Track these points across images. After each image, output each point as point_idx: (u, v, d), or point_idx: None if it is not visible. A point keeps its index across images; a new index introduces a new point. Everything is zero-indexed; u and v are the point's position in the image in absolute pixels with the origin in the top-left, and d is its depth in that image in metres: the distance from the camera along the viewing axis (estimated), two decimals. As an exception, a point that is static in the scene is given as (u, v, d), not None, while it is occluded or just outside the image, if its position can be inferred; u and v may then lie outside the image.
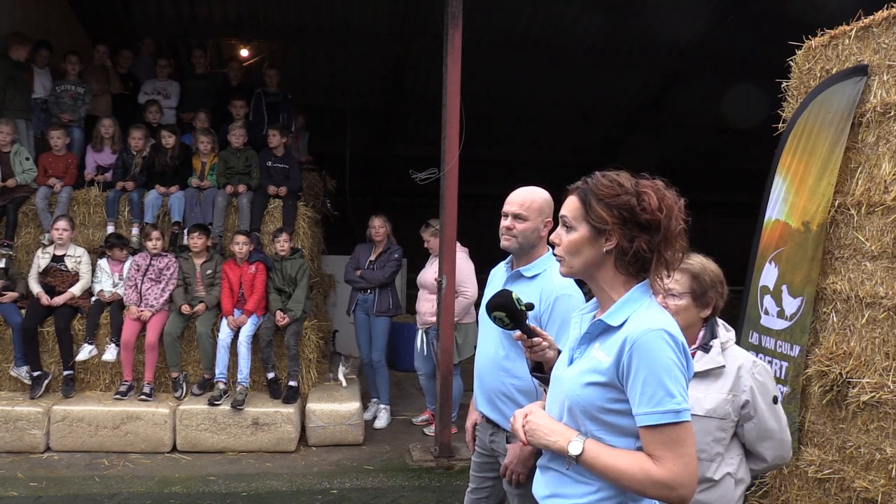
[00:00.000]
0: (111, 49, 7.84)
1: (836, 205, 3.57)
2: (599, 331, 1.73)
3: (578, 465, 1.68)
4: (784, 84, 4.16)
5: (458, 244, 5.77)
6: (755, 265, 4.03)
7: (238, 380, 5.89)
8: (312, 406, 5.90)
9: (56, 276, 6.06)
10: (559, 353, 1.95)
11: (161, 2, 8.85)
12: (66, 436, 5.55)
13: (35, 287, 6.00)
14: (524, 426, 1.80)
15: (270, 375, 6.02)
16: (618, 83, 11.08)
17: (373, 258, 6.50)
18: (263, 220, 6.79)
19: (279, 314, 6.05)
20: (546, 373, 2.00)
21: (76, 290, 6.01)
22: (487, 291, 2.91)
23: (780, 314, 3.81)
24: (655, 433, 1.58)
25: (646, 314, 1.65)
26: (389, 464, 5.57)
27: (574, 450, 1.66)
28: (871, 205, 3.35)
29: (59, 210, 6.43)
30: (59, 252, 6.11)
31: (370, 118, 11.67)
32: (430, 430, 6.10)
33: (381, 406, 6.54)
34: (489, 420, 2.82)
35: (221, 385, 5.87)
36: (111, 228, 6.56)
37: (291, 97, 8.12)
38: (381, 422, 6.43)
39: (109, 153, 7.00)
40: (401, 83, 10.61)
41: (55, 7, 8.39)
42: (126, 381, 5.88)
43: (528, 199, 2.70)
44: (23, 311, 5.91)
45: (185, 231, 6.48)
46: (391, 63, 10.28)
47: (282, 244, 6.27)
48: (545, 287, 2.63)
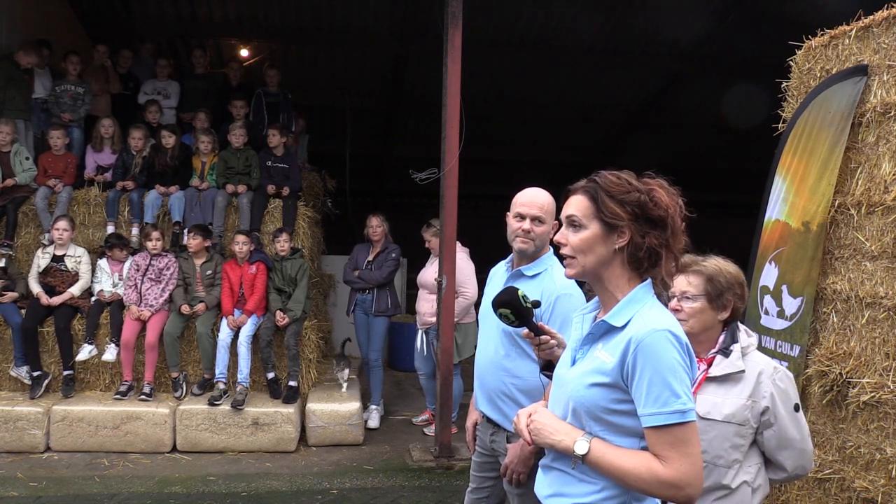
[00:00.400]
0: (111, 49, 7.84)
1: (836, 205, 3.57)
2: (602, 331, 1.73)
3: (584, 465, 1.68)
4: (784, 84, 4.16)
5: (459, 245, 5.77)
6: (755, 265, 4.03)
7: (238, 380, 5.89)
8: (312, 406, 5.90)
9: (56, 276, 6.06)
10: None
11: (161, 2, 8.85)
12: (66, 436, 5.55)
13: (35, 287, 5.99)
14: (529, 425, 1.80)
15: (270, 375, 6.02)
16: (618, 83, 11.08)
17: (370, 258, 6.49)
18: (263, 220, 6.79)
19: (279, 314, 6.05)
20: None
21: (75, 290, 6.01)
22: (487, 291, 2.92)
23: (780, 314, 3.81)
24: (661, 433, 1.59)
25: (649, 314, 1.66)
26: (389, 464, 5.57)
27: (580, 449, 1.66)
28: (871, 205, 3.35)
29: (59, 210, 6.43)
30: (59, 252, 6.11)
31: (370, 118, 11.66)
32: (430, 430, 6.10)
33: (373, 406, 6.53)
34: (490, 420, 2.83)
35: (221, 385, 5.87)
36: (111, 228, 6.56)
37: (291, 97, 8.12)
38: (374, 422, 6.41)
39: (109, 153, 7.00)
40: (401, 83, 10.61)
41: (55, 7, 8.39)
42: (126, 381, 5.88)
43: (546, 202, 2.74)
44: (23, 311, 5.91)
45: (185, 231, 6.48)
46: (391, 63, 10.28)
47: (282, 244, 6.27)
48: (546, 286, 2.64)
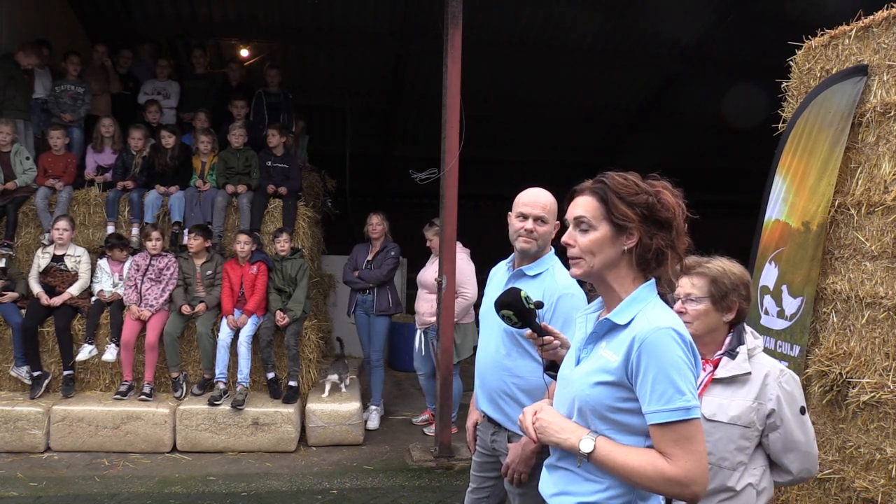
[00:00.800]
0: (111, 49, 7.84)
1: (836, 205, 3.57)
2: (606, 329, 1.74)
3: (589, 463, 1.68)
4: (784, 84, 4.16)
5: (460, 245, 5.77)
6: (755, 265, 4.03)
7: (238, 380, 5.89)
8: (312, 406, 5.90)
9: (56, 276, 6.06)
10: None
11: (161, 2, 8.85)
12: (66, 436, 5.55)
13: (35, 287, 5.99)
14: (534, 423, 1.79)
15: (270, 375, 6.02)
16: (618, 83, 11.08)
17: (370, 257, 6.49)
18: (263, 220, 6.79)
19: (279, 314, 6.05)
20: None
21: (75, 290, 6.01)
22: (488, 291, 2.92)
23: (780, 314, 3.81)
24: (666, 431, 1.59)
25: (653, 312, 1.66)
26: (389, 464, 5.57)
27: (585, 447, 1.66)
28: (871, 205, 3.35)
29: (59, 210, 6.43)
30: (59, 252, 6.11)
31: (370, 118, 11.66)
32: (430, 430, 6.10)
33: (373, 406, 6.53)
34: (490, 419, 2.83)
35: (221, 385, 5.87)
36: (111, 228, 6.56)
37: (292, 98, 8.12)
38: (373, 422, 6.41)
39: (110, 153, 7.01)
40: (401, 83, 10.61)
41: (55, 7, 8.39)
42: (126, 381, 5.88)
43: (549, 202, 2.75)
44: (23, 311, 5.91)
45: (186, 231, 6.48)
46: (391, 63, 10.28)
47: (282, 244, 6.27)
48: (548, 286, 2.64)
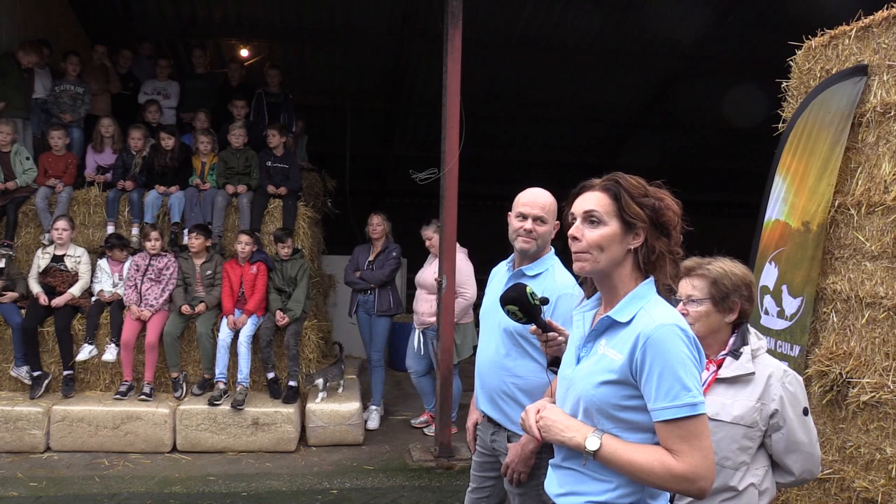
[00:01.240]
0: (111, 49, 7.84)
1: (836, 205, 3.57)
2: (605, 326, 1.74)
3: (595, 462, 1.67)
4: (784, 84, 4.16)
5: (458, 245, 5.77)
6: (755, 265, 4.03)
7: (238, 380, 5.89)
8: (312, 406, 5.90)
9: (56, 276, 6.05)
10: None
11: (161, 2, 8.84)
12: (66, 436, 5.55)
13: (35, 287, 5.99)
14: (538, 422, 1.78)
15: (270, 375, 6.02)
16: (618, 83, 11.08)
17: (371, 258, 6.49)
18: (263, 220, 6.79)
19: (279, 314, 6.05)
20: None
21: (75, 290, 6.01)
22: (488, 291, 2.92)
23: (780, 314, 3.81)
24: (673, 427, 1.59)
25: (655, 310, 1.67)
26: (389, 464, 5.57)
27: (591, 445, 1.66)
28: (871, 205, 3.35)
29: (59, 210, 6.43)
30: (59, 252, 6.11)
31: (370, 118, 11.66)
32: (431, 430, 6.09)
33: (373, 406, 6.52)
34: (490, 419, 2.83)
35: (221, 385, 5.87)
36: (111, 228, 6.56)
37: (292, 98, 8.12)
38: (373, 422, 6.40)
39: (110, 153, 7.00)
40: (401, 83, 10.60)
41: (55, 7, 8.39)
42: (126, 381, 5.88)
43: (549, 202, 2.74)
44: (23, 311, 5.91)
45: (186, 231, 6.48)
46: (391, 63, 10.27)
47: (285, 250, 6.26)
48: (547, 286, 2.64)
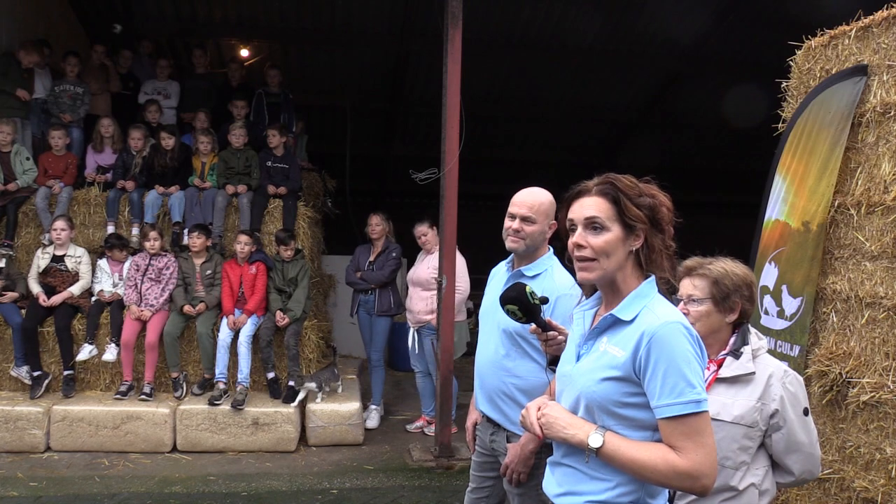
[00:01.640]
0: (111, 49, 7.85)
1: (836, 205, 3.57)
2: (608, 325, 1.73)
3: (597, 459, 1.66)
4: (784, 84, 4.16)
5: None
6: (755, 265, 4.03)
7: (238, 380, 5.89)
8: (312, 406, 5.90)
9: (56, 277, 6.05)
10: None
11: (161, 2, 8.85)
12: (67, 436, 5.55)
13: (35, 287, 5.99)
14: (539, 419, 1.77)
15: (270, 375, 6.02)
16: (618, 83, 11.08)
17: (372, 259, 6.49)
18: (263, 220, 6.79)
19: (279, 314, 6.05)
20: None
21: (75, 290, 6.00)
22: (488, 291, 2.92)
23: (780, 314, 3.81)
24: (677, 424, 1.59)
25: (659, 308, 1.67)
26: (389, 464, 5.57)
27: (594, 442, 1.65)
28: (871, 205, 3.35)
29: (59, 210, 6.42)
30: (59, 252, 6.11)
31: (370, 118, 11.66)
32: (430, 431, 6.09)
33: (373, 406, 6.52)
34: (490, 419, 2.83)
35: (221, 385, 5.87)
36: (111, 228, 6.56)
37: (292, 98, 8.12)
38: (372, 422, 6.40)
39: (110, 153, 7.00)
40: (401, 83, 10.61)
41: (55, 7, 8.40)
42: (126, 381, 5.88)
43: (537, 202, 2.71)
44: (23, 311, 5.91)
45: (186, 231, 6.48)
46: (391, 63, 10.28)
47: (287, 252, 6.25)
48: (546, 287, 2.63)
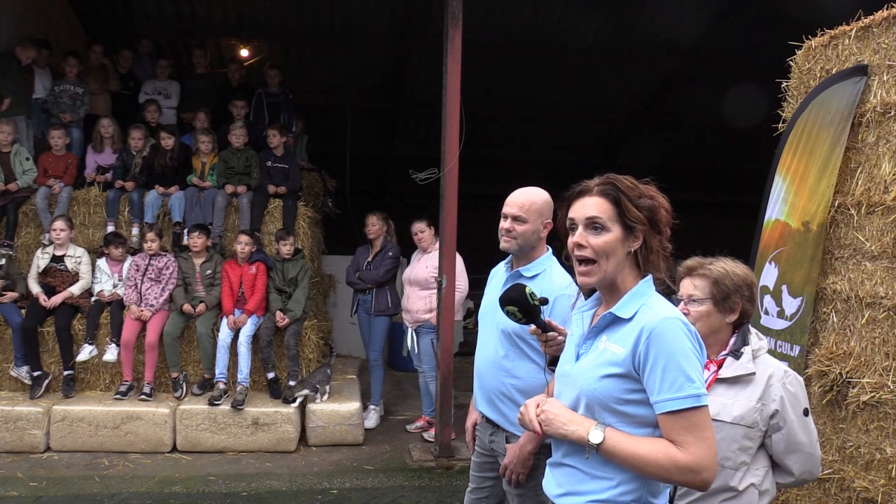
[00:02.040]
0: (111, 49, 7.85)
1: (836, 205, 3.57)
2: (607, 323, 1.74)
3: (598, 456, 1.66)
4: (784, 84, 4.15)
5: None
6: (755, 265, 4.03)
7: (238, 380, 5.89)
8: (312, 406, 5.90)
9: (56, 277, 6.05)
10: None
11: (161, 2, 8.85)
12: (67, 436, 5.55)
13: (35, 287, 5.99)
14: (539, 416, 1.76)
15: (270, 375, 6.01)
16: (618, 83, 11.08)
17: (370, 258, 6.50)
18: (263, 220, 6.79)
19: (279, 315, 6.05)
20: None
21: (75, 290, 6.00)
22: (487, 292, 2.91)
23: (780, 314, 3.81)
24: (678, 418, 1.59)
25: (657, 306, 1.68)
26: (389, 464, 5.57)
27: (595, 438, 1.64)
28: (871, 205, 3.35)
29: (59, 210, 6.43)
30: (59, 252, 6.11)
31: (370, 118, 11.66)
32: (429, 436, 6.02)
33: (372, 406, 6.52)
34: (489, 420, 2.82)
35: (221, 385, 5.87)
36: (111, 228, 6.56)
37: (292, 98, 8.12)
38: (371, 422, 6.39)
39: (110, 153, 7.00)
40: (401, 83, 10.61)
41: (55, 7, 8.40)
42: (126, 381, 5.88)
43: (528, 201, 2.68)
44: (23, 311, 5.91)
45: (186, 231, 6.48)
46: (391, 63, 10.28)
47: (287, 248, 6.25)
48: (545, 287, 2.63)
